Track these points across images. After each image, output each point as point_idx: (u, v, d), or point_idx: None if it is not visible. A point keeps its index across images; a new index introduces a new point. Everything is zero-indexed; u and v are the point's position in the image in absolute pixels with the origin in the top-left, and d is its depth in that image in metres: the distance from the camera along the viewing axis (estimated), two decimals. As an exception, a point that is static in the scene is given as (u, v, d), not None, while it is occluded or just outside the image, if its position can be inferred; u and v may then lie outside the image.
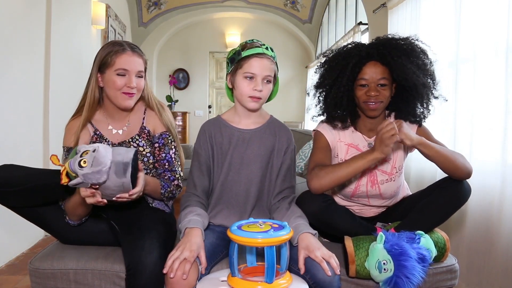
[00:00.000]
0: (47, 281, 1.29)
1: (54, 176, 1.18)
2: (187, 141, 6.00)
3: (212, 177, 1.39)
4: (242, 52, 1.31)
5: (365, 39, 3.85)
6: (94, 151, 1.06)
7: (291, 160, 1.41)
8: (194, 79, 6.60)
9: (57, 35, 2.85)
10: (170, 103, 6.14)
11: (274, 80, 1.36)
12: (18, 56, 2.38)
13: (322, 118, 1.54)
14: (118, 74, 1.33)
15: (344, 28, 4.81)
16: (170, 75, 6.39)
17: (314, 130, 1.53)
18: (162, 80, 6.44)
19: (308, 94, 1.55)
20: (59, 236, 1.41)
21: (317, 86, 1.50)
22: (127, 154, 1.10)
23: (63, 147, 1.42)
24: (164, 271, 1.08)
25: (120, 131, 1.44)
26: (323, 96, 1.49)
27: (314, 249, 1.13)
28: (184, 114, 6.05)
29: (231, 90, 1.40)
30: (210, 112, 6.66)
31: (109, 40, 4.07)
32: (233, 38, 6.53)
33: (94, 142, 1.41)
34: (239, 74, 1.31)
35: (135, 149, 1.16)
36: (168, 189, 1.39)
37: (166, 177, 1.42)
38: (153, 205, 1.43)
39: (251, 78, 1.30)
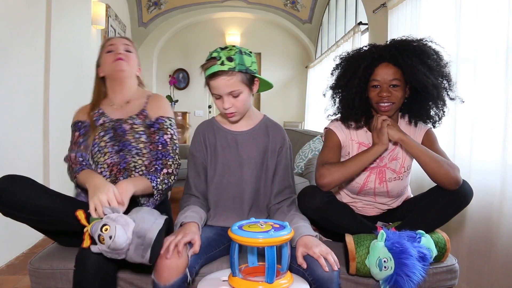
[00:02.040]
0: (47, 281, 1.29)
1: (75, 208, 1.13)
2: (187, 141, 5.99)
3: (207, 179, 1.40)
4: (203, 73, 1.29)
5: (365, 39, 3.85)
6: (110, 238, 1.02)
7: (287, 159, 1.41)
8: (194, 79, 6.59)
9: (57, 35, 2.84)
10: (170, 103, 6.11)
11: (251, 84, 1.30)
12: (18, 56, 2.37)
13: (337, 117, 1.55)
14: (107, 52, 1.52)
15: (344, 28, 4.81)
16: (170, 75, 6.38)
17: (326, 128, 1.54)
18: (162, 80, 6.43)
19: (324, 95, 1.57)
20: (57, 239, 1.41)
21: (332, 88, 1.52)
22: (151, 230, 1.07)
23: (73, 122, 1.52)
24: (162, 252, 1.11)
25: (120, 107, 1.52)
26: (338, 97, 1.51)
27: (312, 246, 1.14)
28: (184, 114, 6.03)
29: None
30: (210, 112, 6.64)
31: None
32: (233, 38, 6.52)
33: (96, 119, 1.48)
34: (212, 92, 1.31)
35: (163, 221, 1.14)
36: (158, 179, 1.37)
37: (152, 169, 1.40)
38: (141, 202, 1.44)
39: (219, 98, 1.29)
